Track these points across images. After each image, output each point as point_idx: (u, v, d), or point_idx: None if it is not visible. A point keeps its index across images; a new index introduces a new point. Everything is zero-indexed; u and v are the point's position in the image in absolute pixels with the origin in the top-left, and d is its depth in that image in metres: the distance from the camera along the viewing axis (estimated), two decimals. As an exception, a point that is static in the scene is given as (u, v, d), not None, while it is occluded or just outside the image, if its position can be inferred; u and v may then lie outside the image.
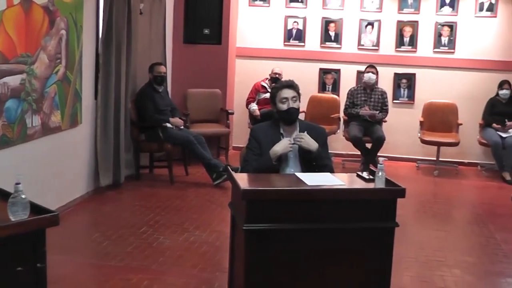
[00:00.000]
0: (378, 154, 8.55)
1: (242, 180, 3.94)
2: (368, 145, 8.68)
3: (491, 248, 5.90)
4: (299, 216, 3.70)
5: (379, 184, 3.83)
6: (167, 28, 8.77)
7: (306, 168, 4.38)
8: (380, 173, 3.83)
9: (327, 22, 9.68)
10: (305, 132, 4.42)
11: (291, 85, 4.53)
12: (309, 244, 3.74)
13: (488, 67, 9.48)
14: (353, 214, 3.78)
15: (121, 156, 7.28)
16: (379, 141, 8.55)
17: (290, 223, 3.68)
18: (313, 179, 3.92)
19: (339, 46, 9.69)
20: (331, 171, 4.36)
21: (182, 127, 7.94)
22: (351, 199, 3.80)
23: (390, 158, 9.17)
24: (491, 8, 9.45)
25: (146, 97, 7.76)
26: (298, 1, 9.72)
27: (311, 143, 4.34)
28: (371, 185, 3.90)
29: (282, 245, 3.70)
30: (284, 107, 4.45)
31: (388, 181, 3.90)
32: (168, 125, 7.75)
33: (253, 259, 3.66)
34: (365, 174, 4.09)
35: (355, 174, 4.18)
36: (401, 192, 3.82)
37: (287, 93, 4.47)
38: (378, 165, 3.87)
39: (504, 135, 8.73)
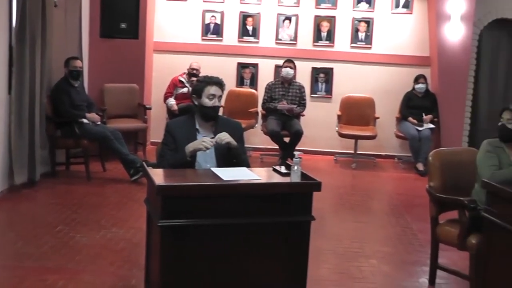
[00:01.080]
0: (297, 148, 8.60)
1: (158, 175, 3.90)
2: (287, 139, 8.72)
3: (408, 238, 6.05)
4: (215, 211, 3.70)
5: (295, 178, 3.86)
6: (83, 22, 8.60)
7: (222, 163, 4.36)
8: (295, 167, 3.86)
9: (244, 17, 9.68)
10: (222, 129, 4.40)
11: (221, 84, 4.52)
12: (225, 239, 3.74)
13: (404, 62, 9.69)
14: (269, 208, 3.80)
15: (36, 153, 7.09)
16: (297, 135, 8.61)
17: (206, 218, 3.68)
18: (229, 174, 3.91)
19: (257, 40, 9.71)
20: (247, 165, 4.36)
21: (98, 122, 7.80)
22: (267, 193, 3.82)
23: (309, 152, 9.33)
24: (407, 4, 9.65)
25: (62, 92, 7.59)
26: (215, -5, 9.69)
27: (233, 141, 4.33)
28: (287, 179, 3.91)
29: (199, 241, 3.69)
30: (210, 103, 4.42)
31: (304, 175, 3.92)
32: (85, 120, 7.62)
33: (169, 255, 3.64)
34: (281, 168, 4.10)
35: (272, 169, 4.19)
36: (317, 186, 3.85)
37: (216, 90, 4.45)
38: (294, 159, 3.89)
39: (420, 128, 8.93)
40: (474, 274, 4.44)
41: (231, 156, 4.36)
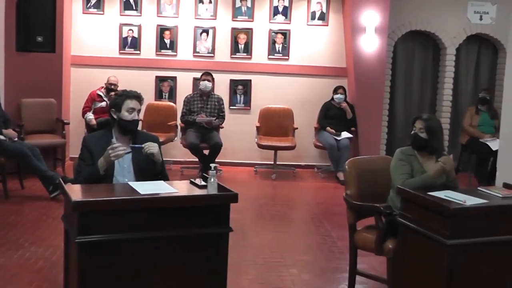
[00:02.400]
0: (217, 160, 8.61)
1: (74, 191, 3.83)
2: (206, 152, 8.70)
3: (328, 246, 6.13)
4: (133, 225, 3.65)
5: (212, 190, 3.85)
6: (-3, 35, 8.39)
7: (140, 177, 4.33)
8: (212, 179, 3.85)
9: (162, 30, 9.64)
10: (140, 143, 4.37)
11: (139, 97, 4.51)
12: (144, 254, 3.69)
13: (321, 73, 9.84)
14: (187, 221, 3.77)
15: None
16: (216, 148, 8.60)
17: (123, 233, 3.62)
18: (146, 188, 3.87)
19: (174, 53, 9.68)
20: (166, 178, 4.34)
21: (16, 139, 7.57)
22: (184, 206, 3.79)
23: (229, 164, 9.36)
24: (322, 17, 9.81)
25: (-24, 108, 7.38)
26: (132, 9, 9.60)
27: (158, 155, 4.30)
28: (204, 192, 3.90)
29: (117, 256, 3.63)
30: (129, 117, 4.40)
31: (220, 187, 3.92)
32: (1, 137, 7.40)
33: (87, 272, 3.56)
34: (198, 181, 4.09)
35: (189, 181, 4.18)
36: (233, 197, 3.84)
37: (135, 104, 4.44)
38: (210, 171, 3.88)
39: (338, 138, 9.07)
40: (391, 277, 4.54)
41: (155, 171, 4.33)
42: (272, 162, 9.36)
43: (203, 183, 4.03)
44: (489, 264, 4.07)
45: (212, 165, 3.96)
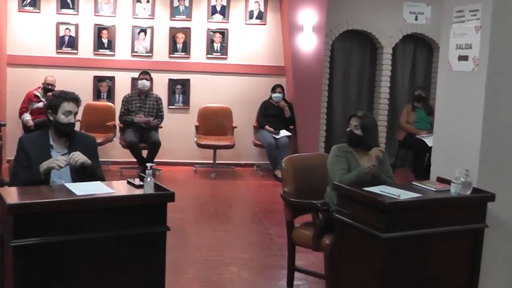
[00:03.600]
0: (156, 160, 8.59)
1: (10, 194, 3.75)
2: (145, 152, 8.66)
3: (267, 243, 6.20)
4: (70, 227, 3.60)
5: (148, 189, 3.84)
6: None
7: (77, 178, 4.28)
8: (148, 179, 3.83)
9: (99, 29, 9.53)
10: (77, 144, 4.33)
11: (77, 100, 4.44)
12: (82, 255, 3.65)
13: (260, 71, 9.89)
14: (124, 221, 3.75)
15: None
16: (155, 146, 8.57)
17: (60, 235, 3.57)
18: (83, 189, 3.83)
19: (112, 53, 9.58)
20: (103, 179, 4.31)
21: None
22: (121, 206, 3.77)
23: (168, 164, 9.33)
24: (260, 16, 9.85)
25: None
26: (69, 8, 9.45)
27: (86, 160, 4.26)
28: (141, 191, 3.89)
29: (54, 259, 3.58)
30: (65, 120, 4.34)
31: (157, 186, 3.91)
32: None
33: (24, 277, 3.50)
34: (135, 181, 4.07)
35: (126, 181, 4.16)
36: (170, 196, 3.84)
37: (72, 107, 4.37)
38: (146, 171, 3.87)
39: (277, 136, 9.13)
40: (329, 273, 4.62)
41: (86, 174, 4.28)
42: (212, 161, 9.37)
43: (140, 182, 4.01)
44: (423, 255, 4.17)
45: (149, 164, 3.95)
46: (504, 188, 4.77)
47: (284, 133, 9.21)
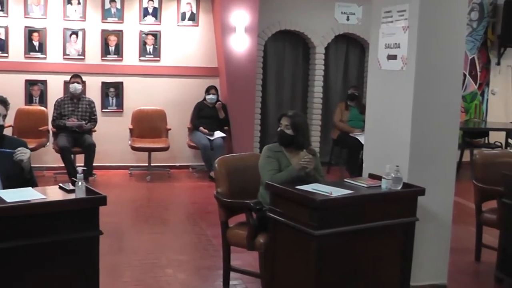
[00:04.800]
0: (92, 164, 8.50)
1: None
2: (79, 156, 8.56)
3: (203, 244, 6.20)
4: (3, 234, 3.53)
5: (80, 194, 3.79)
6: None
7: (7, 184, 4.19)
8: (80, 183, 3.79)
9: (30, 32, 9.33)
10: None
11: (5, 102, 4.36)
12: (14, 263, 3.57)
13: (193, 73, 9.87)
14: (56, 227, 3.69)
15: None
16: (90, 148, 8.47)
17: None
18: (13, 195, 3.75)
19: (44, 56, 9.40)
20: (34, 185, 4.24)
21: None
22: (53, 212, 3.71)
23: (103, 167, 9.23)
24: (192, 17, 9.83)
25: None
26: (-2, 10, 9.26)
27: (27, 162, 4.18)
28: (72, 196, 3.84)
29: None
30: None
31: (89, 190, 3.87)
32: None
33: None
34: (67, 185, 4.02)
35: (58, 186, 4.10)
36: (102, 200, 3.80)
37: (0, 109, 4.29)
38: (77, 175, 3.82)
39: (211, 138, 9.13)
40: (264, 271, 4.65)
41: (24, 178, 4.22)
42: (147, 164, 9.30)
43: (72, 187, 3.96)
44: (357, 251, 4.26)
45: (80, 168, 3.92)
46: (434, 182, 4.91)
47: (218, 134, 9.22)
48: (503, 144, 10.81)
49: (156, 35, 9.73)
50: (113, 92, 9.66)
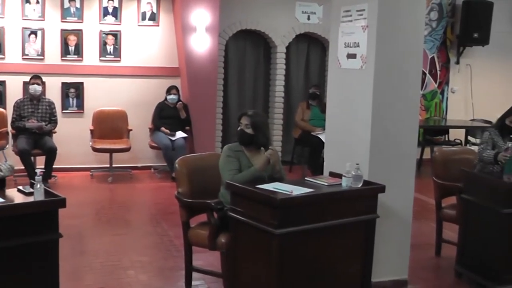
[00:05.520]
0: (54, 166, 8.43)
1: None
2: (40, 158, 8.45)
3: (165, 245, 6.19)
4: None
5: (38, 196, 3.76)
6: None
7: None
8: (38, 186, 3.75)
9: (-13, 32, 9.21)
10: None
11: None
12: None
13: (154, 73, 9.81)
14: (15, 231, 3.66)
15: None
16: (51, 152, 8.37)
17: None
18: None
19: (2, 56, 9.22)
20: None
21: None
22: (11, 215, 3.66)
23: (64, 170, 9.14)
24: (153, 17, 9.78)
25: None
26: (-46, 10, 9.10)
27: None
28: (30, 199, 3.80)
29: None
30: None
31: (48, 192, 3.83)
32: None
33: None
34: (26, 188, 3.98)
35: (16, 189, 4.05)
36: (61, 202, 3.77)
37: None
38: (36, 177, 3.78)
39: (173, 138, 9.11)
40: (226, 271, 4.65)
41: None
42: (108, 165, 9.23)
43: (30, 190, 3.92)
44: (318, 249, 4.28)
45: (38, 171, 3.88)
46: (394, 180, 4.97)
47: (180, 134, 9.19)
48: (463, 141, 10.97)
49: (116, 35, 9.65)
50: (73, 93, 9.56)
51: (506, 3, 11.59)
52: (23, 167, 8.42)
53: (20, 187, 4.04)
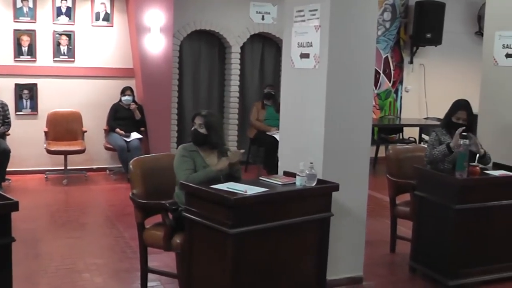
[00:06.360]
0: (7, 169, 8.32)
1: None
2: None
3: (120, 247, 6.15)
4: None
5: (-10, 200, 3.70)
6: None
7: None
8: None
9: None
10: None
11: None
12: None
13: (109, 74, 9.73)
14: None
15: None
16: (4, 155, 8.23)
17: None
18: None
19: (-46, 58, 9.12)
20: None
21: None
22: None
23: (18, 172, 9.02)
24: (107, 17, 9.69)
25: None
26: None
27: None
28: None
29: None
30: None
31: (0, 196, 3.77)
32: None
33: None
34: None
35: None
36: (14, 206, 3.69)
37: None
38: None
39: (128, 139, 9.06)
40: (181, 272, 4.64)
41: None
42: (63, 168, 9.12)
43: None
44: (273, 248, 4.31)
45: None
46: (348, 178, 5.03)
47: (135, 135, 9.15)
48: (417, 139, 11.13)
49: (70, 36, 9.54)
50: (27, 94, 9.42)
51: (458, 4, 11.80)
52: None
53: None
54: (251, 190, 4.24)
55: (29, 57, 9.40)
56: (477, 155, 5.48)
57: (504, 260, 5.43)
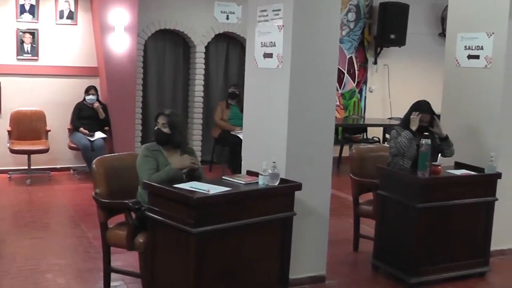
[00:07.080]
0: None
1: None
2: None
3: (84, 247, 6.13)
4: None
5: None
6: None
7: None
8: None
9: None
10: None
11: None
12: None
13: (73, 73, 9.66)
14: None
15: None
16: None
17: None
18: None
19: None
20: None
21: None
22: None
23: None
24: (71, 16, 9.61)
25: None
26: None
27: None
28: None
29: None
30: None
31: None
32: None
33: None
34: None
35: None
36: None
37: None
38: None
39: (92, 138, 9.01)
40: (144, 271, 4.64)
41: None
42: (27, 167, 9.03)
43: None
44: (236, 247, 4.34)
45: None
46: (311, 177, 5.07)
47: (99, 134, 9.11)
48: (381, 139, 11.23)
49: (34, 34, 9.45)
50: (-11, 93, 9.32)
51: (421, 5, 11.95)
52: None
53: None
54: (214, 189, 4.26)
55: (-9, 55, 9.30)
56: (439, 139, 5.63)
57: (465, 258, 5.54)
